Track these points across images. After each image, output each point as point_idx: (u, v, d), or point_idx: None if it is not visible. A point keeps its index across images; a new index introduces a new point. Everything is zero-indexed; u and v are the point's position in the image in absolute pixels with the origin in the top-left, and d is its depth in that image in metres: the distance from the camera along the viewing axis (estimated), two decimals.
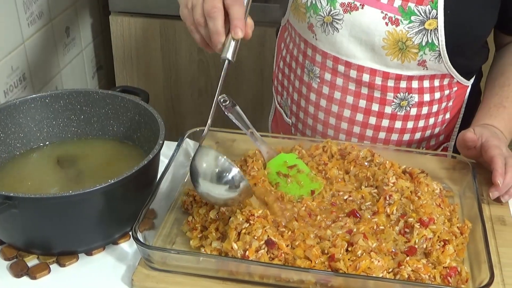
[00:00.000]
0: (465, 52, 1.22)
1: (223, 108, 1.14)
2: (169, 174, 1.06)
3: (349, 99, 1.26)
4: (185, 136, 1.15)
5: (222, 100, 1.15)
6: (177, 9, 2.27)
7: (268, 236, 0.92)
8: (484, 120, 1.21)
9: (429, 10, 1.14)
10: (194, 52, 2.20)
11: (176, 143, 1.13)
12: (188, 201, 1.05)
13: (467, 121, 1.33)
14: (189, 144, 1.17)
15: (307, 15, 1.23)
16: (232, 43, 0.96)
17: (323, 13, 1.19)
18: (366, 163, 1.12)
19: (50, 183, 1.08)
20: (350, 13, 1.18)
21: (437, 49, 1.16)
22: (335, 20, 1.19)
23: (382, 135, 1.28)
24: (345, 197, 1.05)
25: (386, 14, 1.15)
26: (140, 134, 1.13)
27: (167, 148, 1.08)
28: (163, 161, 1.08)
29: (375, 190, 1.05)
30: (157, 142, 1.01)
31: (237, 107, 1.15)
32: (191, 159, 0.96)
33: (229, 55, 0.96)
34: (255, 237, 0.92)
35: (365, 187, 1.06)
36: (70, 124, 1.16)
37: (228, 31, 0.97)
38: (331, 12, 1.19)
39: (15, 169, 1.10)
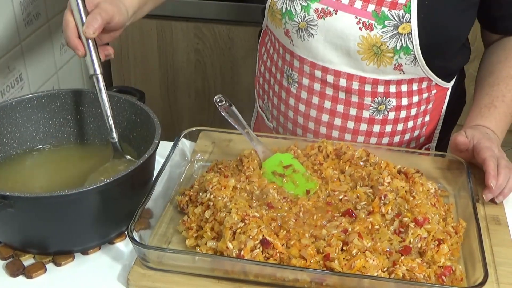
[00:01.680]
0: (443, 54, 1.22)
1: (219, 108, 1.14)
2: (165, 173, 1.06)
3: (327, 104, 1.26)
4: (181, 136, 1.15)
5: (218, 100, 1.15)
6: (173, 9, 2.28)
7: (263, 235, 0.92)
8: (476, 121, 1.21)
9: (402, 14, 1.14)
10: (191, 53, 2.21)
11: (172, 143, 1.13)
12: (184, 200, 1.05)
13: (449, 121, 1.34)
14: (185, 144, 1.17)
15: (283, 21, 1.23)
16: (87, 59, 1.07)
17: (298, 19, 1.20)
18: (361, 163, 1.12)
19: (46, 183, 1.09)
20: (324, 19, 1.18)
21: (412, 52, 1.17)
22: (310, 26, 1.20)
23: (360, 139, 1.29)
24: (340, 197, 1.05)
25: (360, 19, 1.16)
26: (136, 134, 1.14)
27: (163, 148, 1.08)
28: (159, 161, 1.08)
29: (370, 190, 1.06)
30: (153, 142, 1.01)
31: (233, 107, 1.15)
32: None
33: (96, 68, 1.08)
34: (250, 237, 0.92)
35: (360, 186, 1.07)
36: (67, 124, 1.16)
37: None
38: (306, 18, 1.19)
39: (11, 168, 1.10)
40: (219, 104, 1.15)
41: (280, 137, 1.24)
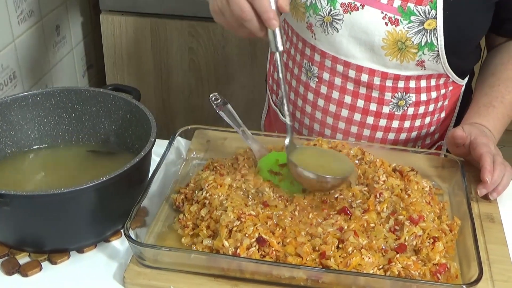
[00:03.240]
0: (461, 52, 1.23)
1: (214, 107, 1.14)
2: (160, 172, 1.06)
3: (347, 99, 1.26)
4: (177, 135, 1.15)
5: (213, 98, 1.15)
6: (167, 8, 2.27)
7: (259, 233, 0.93)
8: (474, 119, 1.22)
9: (428, 10, 1.14)
10: (185, 51, 2.21)
11: (167, 141, 1.13)
12: (180, 199, 1.05)
13: (460, 119, 1.35)
14: (180, 142, 1.17)
15: (306, 15, 1.23)
16: (273, 33, 0.97)
17: (323, 13, 1.20)
18: (356, 161, 1.13)
19: (41, 181, 1.08)
20: (350, 13, 1.18)
21: (435, 49, 1.17)
22: (335, 20, 1.19)
23: (379, 134, 1.29)
24: (336, 195, 1.05)
25: (386, 14, 1.16)
26: (131, 132, 1.13)
27: (159, 147, 1.08)
28: (155, 159, 1.08)
29: (366, 188, 1.06)
30: (148, 140, 1.01)
31: (229, 105, 1.15)
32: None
33: (278, 46, 0.98)
34: (246, 235, 0.92)
35: (356, 185, 1.07)
36: (61, 122, 1.16)
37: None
38: (331, 12, 1.19)
39: (6, 167, 1.09)
40: (215, 102, 1.15)
41: (276, 136, 1.24)
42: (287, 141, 1.08)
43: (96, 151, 1.14)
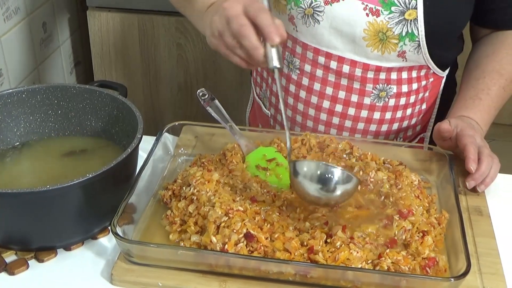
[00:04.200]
0: (443, 43, 1.23)
1: (202, 102, 1.14)
2: (148, 168, 1.05)
3: (329, 90, 1.26)
4: (164, 131, 1.15)
5: (201, 94, 1.15)
6: (155, 4, 2.26)
7: (247, 229, 0.92)
8: (461, 112, 1.22)
9: (408, 0, 1.15)
10: (173, 47, 2.20)
11: (155, 137, 1.13)
12: (167, 195, 1.05)
13: (442, 111, 1.35)
14: (168, 138, 1.16)
15: (288, 7, 1.23)
16: (273, 50, 0.94)
17: (304, 5, 1.20)
18: (344, 156, 1.13)
19: (28, 178, 1.08)
20: (331, 5, 1.18)
21: (416, 39, 1.17)
22: (316, 12, 1.20)
23: (360, 125, 1.29)
24: None
25: (366, 5, 1.16)
26: (118, 129, 1.13)
27: (146, 143, 1.07)
28: (142, 156, 1.07)
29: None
30: (135, 136, 1.00)
31: (216, 101, 1.15)
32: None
33: (275, 63, 0.94)
34: (234, 231, 0.92)
35: None
36: (48, 119, 1.15)
37: (263, 40, 0.94)
38: (312, 4, 1.19)
39: None
40: (202, 98, 1.14)
41: (265, 131, 1.23)
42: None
43: (72, 152, 1.13)
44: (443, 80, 1.33)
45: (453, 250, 0.96)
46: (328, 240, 0.93)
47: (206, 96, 1.14)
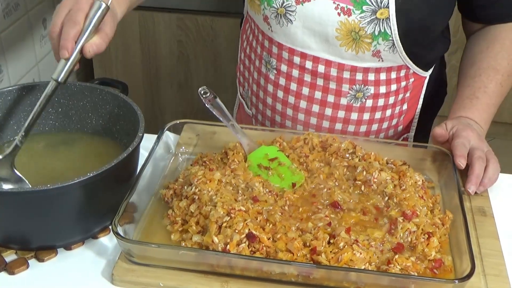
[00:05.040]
0: (420, 42, 1.22)
1: (203, 100, 1.13)
2: (149, 167, 1.04)
3: (305, 91, 1.26)
4: (165, 129, 1.14)
5: (202, 92, 1.14)
6: (156, 1, 2.25)
7: (249, 229, 0.92)
8: (459, 112, 1.22)
9: None
10: (173, 45, 2.19)
11: (156, 136, 1.12)
12: (168, 194, 1.04)
13: (428, 111, 1.34)
14: (169, 137, 1.16)
15: (262, 7, 1.23)
16: (61, 63, 0.98)
17: (276, 5, 1.20)
18: (347, 155, 1.12)
19: (28, 177, 1.07)
20: (302, 4, 1.18)
21: (390, 38, 1.16)
22: (288, 12, 1.19)
23: (338, 126, 1.29)
24: (325, 189, 1.05)
25: (338, 5, 1.16)
26: (119, 127, 1.12)
27: (147, 141, 1.07)
28: (143, 154, 1.06)
29: (360, 188, 1.05)
30: (136, 135, 0.99)
31: (218, 99, 1.14)
32: None
33: (59, 76, 0.98)
34: (236, 231, 0.91)
35: (348, 180, 1.06)
36: (48, 117, 1.15)
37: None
38: (284, 4, 1.19)
39: None
40: (204, 96, 1.14)
41: (267, 130, 1.23)
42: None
43: (73, 150, 1.13)
44: (426, 80, 1.31)
45: (457, 251, 0.95)
46: (331, 241, 0.92)
47: (208, 94, 1.14)
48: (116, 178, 0.97)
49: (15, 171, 0.99)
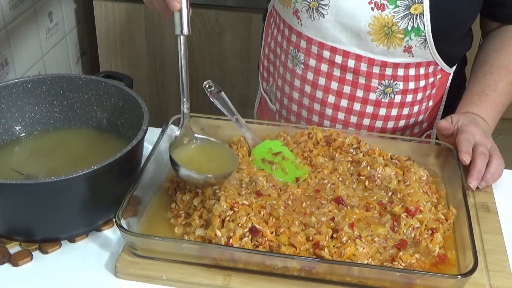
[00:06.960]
0: (450, 38, 1.22)
1: (208, 94, 1.13)
2: (153, 160, 1.05)
3: (334, 85, 1.25)
4: (170, 123, 1.14)
5: (207, 85, 1.14)
6: None
7: (252, 223, 0.92)
8: (467, 108, 1.22)
9: None
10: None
11: (160, 129, 1.12)
12: (172, 187, 1.04)
13: (449, 108, 1.34)
14: (173, 130, 1.15)
15: (293, 1, 1.22)
16: (176, 16, 0.96)
17: None
18: (352, 150, 1.12)
19: (32, 169, 1.07)
20: None
21: (422, 34, 1.16)
22: (321, 6, 1.19)
23: (366, 121, 1.28)
24: (329, 185, 1.05)
25: None
26: (124, 120, 1.12)
27: (151, 135, 1.07)
28: (147, 148, 1.07)
29: (364, 184, 1.05)
30: (141, 128, 1.00)
31: (222, 93, 1.14)
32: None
33: (184, 29, 0.98)
34: (239, 225, 0.91)
35: (356, 181, 1.06)
36: (53, 110, 1.15)
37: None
38: None
39: None
40: (208, 90, 1.14)
41: (270, 124, 1.23)
42: (177, 133, 1.05)
43: (77, 142, 1.14)
44: (450, 77, 1.31)
45: (460, 247, 0.95)
46: (334, 235, 0.92)
47: (213, 88, 1.14)
48: (120, 171, 0.97)
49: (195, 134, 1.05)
